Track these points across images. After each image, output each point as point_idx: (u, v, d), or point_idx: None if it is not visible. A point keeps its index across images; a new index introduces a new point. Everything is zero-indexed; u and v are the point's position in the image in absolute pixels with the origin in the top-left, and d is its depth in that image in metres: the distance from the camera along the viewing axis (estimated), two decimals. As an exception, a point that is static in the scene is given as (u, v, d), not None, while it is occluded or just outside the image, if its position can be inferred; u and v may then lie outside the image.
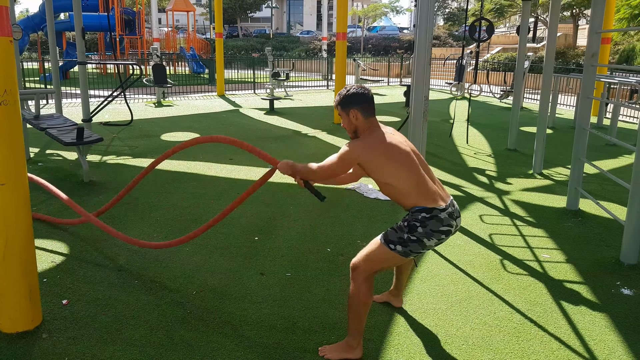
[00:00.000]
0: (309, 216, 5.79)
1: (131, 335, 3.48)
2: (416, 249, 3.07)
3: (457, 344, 3.44)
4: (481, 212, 6.06)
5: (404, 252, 3.07)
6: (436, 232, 3.04)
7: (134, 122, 11.01)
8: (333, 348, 3.30)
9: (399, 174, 3.04)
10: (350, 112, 3.19)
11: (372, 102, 3.23)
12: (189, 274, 4.37)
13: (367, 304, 3.14)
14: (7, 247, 3.34)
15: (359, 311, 3.14)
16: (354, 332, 3.21)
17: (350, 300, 3.17)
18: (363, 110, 3.17)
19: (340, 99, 3.24)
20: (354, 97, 3.19)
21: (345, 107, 3.21)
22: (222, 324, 3.63)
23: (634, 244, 4.65)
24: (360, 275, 3.13)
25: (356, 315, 3.16)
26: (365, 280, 3.12)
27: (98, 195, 6.38)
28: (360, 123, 3.19)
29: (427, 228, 3.03)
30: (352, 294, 3.15)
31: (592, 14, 5.61)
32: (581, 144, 5.87)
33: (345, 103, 3.21)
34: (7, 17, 3.18)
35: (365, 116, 3.18)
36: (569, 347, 3.43)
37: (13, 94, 3.21)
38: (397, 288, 3.87)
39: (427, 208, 3.05)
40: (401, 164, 3.05)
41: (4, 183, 3.25)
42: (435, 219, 3.03)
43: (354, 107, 3.17)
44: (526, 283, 4.32)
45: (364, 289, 3.12)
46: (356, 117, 3.18)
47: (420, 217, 3.04)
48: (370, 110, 3.20)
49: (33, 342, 3.38)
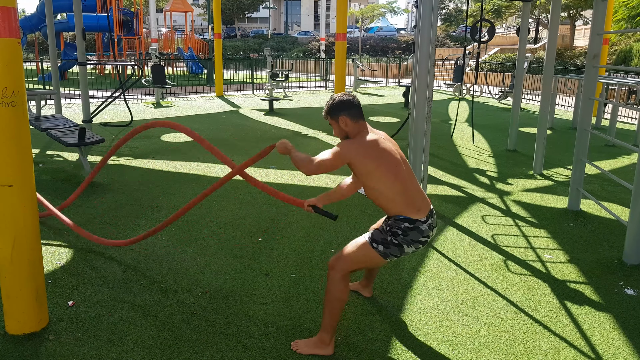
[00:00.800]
0: (311, 217, 5.79)
1: (138, 336, 3.48)
2: (395, 252, 3.19)
3: (464, 344, 3.46)
4: (483, 213, 6.08)
5: (384, 253, 3.19)
6: (415, 241, 3.17)
7: (134, 123, 11.02)
8: (305, 343, 3.38)
9: (386, 180, 3.12)
10: (339, 119, 3.28)
11: (359, 107, 3.32)
12: (193, 275, 4.38)
13: (343, 301, 3.25)
14: (15, 248, 3.34)
15: (335, 308, 3.24)
16: (328, 327, 3.29)
17: (326, 297, 3.27)
18: (351, 115, 3.27)
19: (328, 108, 3.35)
20: (341, 105, 3.29)
21: (334, 115, 3.31)
22: (229, 324, 3.64)
23: (637, 245, 4.68)
24: (337, 274, 3.23)
25: (331, 312, 3.25)
26: (342, 278, 3.23)
27: (100, 196, 6.38)
28: (350, 128, 3.27)
29: (408, 237, 3.15)
30: (328, 291, 3.25)
31: (593, 16, 5.62)
32: (582, 145, 5.89)
33: (333, 111, 3.31)
34: (16, 19, 3.19)
35: (354, 120, 3.27)
36: (574, 347, 3.45)
37: (20, 95, 3.22)
38: (368, 280, 4.04)
39: (410, 219, 3.15)
40: (389, 171, 3.12)
41: (12, 184, 3.25)
42: (416, 230, 3.16)
43: (342, 113, 3.27)
44: (530, 283, 4.34)
45: (340, 287, 3.22)
46: (345, 123, 3.27)
47: (403, 226, 3.15)
48: (358, 114, 3.29)
49: (40, 343, 3.38)
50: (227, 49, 39.17)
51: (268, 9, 54.40)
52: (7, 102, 3.15)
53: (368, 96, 19.44)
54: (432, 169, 8.00)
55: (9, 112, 3.16)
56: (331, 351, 3.32)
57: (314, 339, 3.37)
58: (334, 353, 3.33)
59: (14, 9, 3.17)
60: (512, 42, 33.06)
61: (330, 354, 3.31)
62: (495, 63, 25.26)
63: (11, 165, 3.24)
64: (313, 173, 3.24)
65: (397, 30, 56.34)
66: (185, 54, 28.71)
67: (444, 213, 6.02)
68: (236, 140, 10.14)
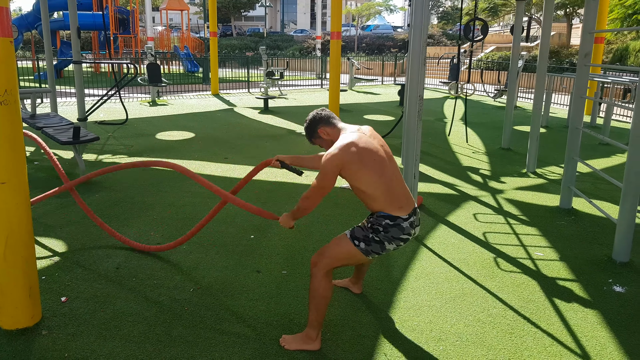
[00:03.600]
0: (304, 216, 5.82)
1: (130, 331, 3.52)
2: (377, 249, 3.22)
3: (452, 340, 3.50)
4: (475, 211, 6.12)
5: (365, 250, 3.22)
6: (396, 238, 3.20)
7: (129, 121, 11.04)
8: (293, 338, 3.43)
9: (370, 181, 3.14)
10: (320, 133, 3.41)
11: (329, 114, 3.45)
12: (186, 271, 4.42)
13: (327, 298, 3.29)
14: (8, 245, 3.37)
15: (319, 305, 3.28)
16: (314, 323, 3.34)
17: (311, 294, 3.30)
18: (325, 123, 3.40)
19: (306, 132, 3.53)
20: (313, 123, 3.45)
21: (314, 134, 3.46)
22: (220, 320, 3.67)
23: (626, 242, 4.72)
24: (320, 271, 3.26)
25: (317, 309, 3.29)
26: (325, 275, 3.26)
27: (95, 193, 6.41)
28: (332, 133, 3.38)
29: (389, 234, 3.18)
30: (312, 288, 3.29)
31: (585, 15, 5.67)
32: (574, 143, 5.94)
33: (311, 130, 3.46)
34: (8, 18, 3.21)
35: (332, 127, 3.39)
36: (561, 344, 3.49)
37: (13, 94, 3.25)
38: (357, 277, 4.07)
39: (391, 216, 3.17)
40: (373, 172, 3.13)
41: (4, 182, 3.29)
42: (397, 227, 3.18)
43: (318, 127, 3.41)
44: (520, 281, 4.38)
45: (324, 284, 3.26)
46: (326, 132, 3.40)
47: (384, 223, 3.18)
48: (331, 118, 3.42)
49: (33, 338, 3.41)
50: (223, 47, 39.17)
51: (264, 7, 54.36)
52: (0, 100, 3.18)
53: (364, 94, 19.47)
54: (426, 167, 8.04)
55: (1, 110, 3.19)
56: (318, 346, 3.36)
57: (301, 334, 3.41)
58: (320, 348, 3.37)
59: (7, 8, 3.20)
60: (508, 40, 33.08)
61: (317, 349, 3.36)
62: (491, 61, 25.29)
63: (4, 163, 3.27)
64: (317, 202, 3.25)
65: (394, 28, 56.37)
66: (182, 53, 28.71)
67: (436, 211, 6.06)
68: (231, 139, 10.16)
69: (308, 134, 3.50)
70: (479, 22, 10.21)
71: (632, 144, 4.55)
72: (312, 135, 3.46)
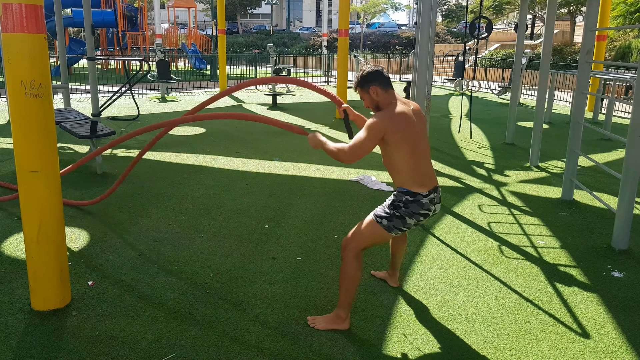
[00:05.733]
0: (315, 206, 6.04)
1: (155, 312, 3.73)
2: (398, 225, 3.37)
3: (458, 320, 3.71)
4: (480, 202, 6.32)
5: (388, 227, 3.37)
6: (416, 213, 3.35)
7: (140, 117, 11.25)
8: (323, 319, 3.61)
9: (403, 155, 3.30)
10: (370, 90, 3.42)
11: (387, 77, 3.46)
12: (204, 258, 4.64)
13: (356, 279, 3.46)
14: (41, 230, 3.59)
15: (350, 286, 3.45)
16: (344, 304, 3.52)
17: (341, 275, 3.48)
18: (381, 84, 3.41)
19: (358, 80, 3.48)
20: (371, 75, 3.43)
21: (364, 86, 3.45)
22: (240, 302, 3.89)
23: (625, 230, 4.93)
24: (350, 253, 3.43)
25: (347, 290, 3.47)
26: (355, 257, 3.43)
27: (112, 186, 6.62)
28: (381, 98, 3.41)
29: (409, 209, 3.34)
30: (343, 270, 3.46)
31: (587, 12, 5.86)
32: (576, 137, 6.13)
33: (364, 82, 3.44)
34: (42, 16, 3.42)
35: (384, 90, 3.41)
36: (562, 323, 3.70)
37: (47, 87, 3.46)
38: (393, 269, 4.20)
39: (411, 192, 3.35)
40: (408, 147, 3.28)
41: (38, 170, 3.50)
42: (417, 203, 3.34)
43: (373, 84, 3.41)
44: (523, 267, 4.59)
45: (355, 265, 3.43)
46: (376, 92, 3.41)
47: (404, 199, 3.35)
48: (388, 83, 3.43)
49: (64, 319, 3.63)
50: (230, 44, 39.33)
51: (270, 4, 54.53)
52: (34, 93, 3.39)
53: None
54: (432, 162, 8.18)
55: (36, 102, 3.40)
56: (347, 326, 3.55)
57: (331, 315, 3.59)
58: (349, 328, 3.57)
59: (41, 6, 3.39)
60: (512, 38, 33.15)
61: (347, 329, 3.54)
62: (496, 59, 25.44)
63: (38, 152, 3.48)
64: (354, 160, 3.30)
65: (399, 26, 56.50)
66: (189, 50, 28.92)
67: (442, 202, 6.25)
68: (242, 134, 10.37)
69: (360, 83, 3.46)
70: (484, 20, 10.38)
71: (631, 135, 4.77)
72: (363, 86, 3.44)
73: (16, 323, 3.55)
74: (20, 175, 3.51)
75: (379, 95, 3.41)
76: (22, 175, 3.51)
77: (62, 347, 3.30)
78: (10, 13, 3.23)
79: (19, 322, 3.56)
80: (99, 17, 22.70)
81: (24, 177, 3.50)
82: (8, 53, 3.31)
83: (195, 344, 3.36)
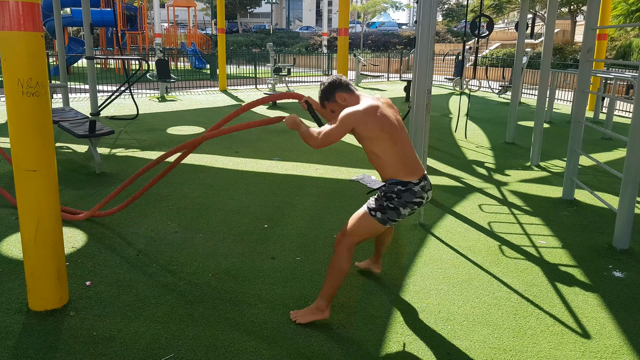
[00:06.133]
0: (315, 206, 6.02)
1: (153, 312, 3.71)
2: (393, 216, 3.38)
3: (459, 320, 3.69)
4: (480, 202, 6.30)
5: (382, 219, 3.39)
6: (410, 202, 3.36)
7: (139, 116, 11.23)
8: (303, 312, 3.64)
9: (385, 146, 3.31)
10: (337, 98, 3.48)
11: (349, 82, 3.53)
12: (203, 258, 4.61)
13: (345, 271, 3.48)
14: (39, 230, 3.57)
15: (337, 276, 3.48)
16: (326, 295, 3.54)
17: (331, 267, 3.50)
18: (344, 89, 3.48)
19: (321, 94, 3.55)
20: (331, 85, 3.50)
21: (330, 98, 3.51)
22: (238, 302, 3.87)
23: (626, 230, 4.90)
24: (344, 247, 3.46)
25: (334, 281, 3.49)
26: (348, 250, 3.46)
27: (110, 185, 6.60)
28: (350, 100, 3.45)
29: (402, 199, 3.34)
30: (334, 262, 3.49)
31: (587, 11, 5.84)
32: (577, 136, 6.11)
33: (328, 94, 3.51)
34: (39, 14, 3.39)
35: (350, 93, 3.47)
36: (563, 323, 3.67)
37: (44, 85, 3.43)
38: (377, 256, 4.25)
39: (402, 181, 3.34)
40: (389, 136, 3.30)
41: (35, 169, 3.48)
42: (409, 192, 3.34)
43: (337, 91, 3.47)
44: (523, 266, 4.57)
45: (346, 257, 3.46)
46: (343, 98, 3.47)
47: (396, 189, 3.34)
48: (352, 87, 3.51)
49: (62, 319, 3.61)
50: (230, 43, 39.32)
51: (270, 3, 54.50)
52: (31, 92, 3.36)
53: (370, 91, 19.62)
54: (432, 161, 8.22)
55: (33, 101, 3.38)
56: (327, 315, 3.59)
57: (311, 307, 3.62)
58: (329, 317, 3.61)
59: (37, 4, 3.37)
60: (512, 37, 33.13)
61: (326, 318, 3.58)
62: (496, 58, 25.42)
63: (35, 151, 3.46)
64: (321, 145, 3.38)
65: (399, 25, 56.53)
66: (188, 49, 28.90)
67: (442, 202, 6.24)
68: (241, 133, 10.32)
69: (324, 96, 3.53)
70: (484, 18, 10.35)
71: (632, 134, 4.74)
72: (328, 98, 3.51)
73: (13, 323, 3.53)
74: (18, 174, 3.49)
75: (346, 100, 3.46)
76: (19, 175, 3.48)
77: (59, 347, 3.28)
78: (7, 11, 3.21)
79: (16, 322, 3.54)
80: (98, 16, 22.68)
81: (21, 176, 3.48)
82: (5, 51, 3.29)
83: (194, 345, 3.34)
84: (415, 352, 3.32)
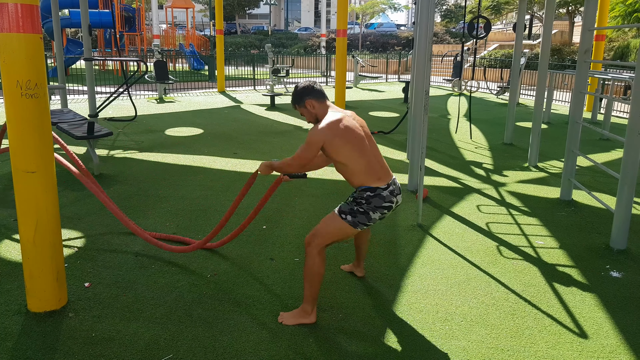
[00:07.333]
0: (313, 207, 6.03)
1: (152, 314, 3.72)
2: (363, 220, 3.48)
3: (457, 320, 3.70)
4: (478, 203, 6.31)
5: (353, 222, 3.49)
6: (379, 207, 3.48)
7: (138, 118, 11.23)
8: (290, 315, 3.67)
9: (352, 156, 3.45)
10: (306, 104, 3.63)
11: (320, 89, 3.67)
12: (202, 259, 4.62)
13: (321, 274, 3.54)
14: (38, 231, 3.57)
15: (314, 281, 3.54)
16: (309, 299, 3.59)
17: (305, 271, 3.56)
18: (315, 97, 3.62)
19: (294, 97, 3.70)
20: (304, 90, 3.65)
21: (300, 102, 3.67)
22: (237, 303, 3.88)
23: (623, 230, 4.92)
24: (314, 249, 3.52)
25: (311, 285, 3.55)
26: (318, 253, 3.53)
27: (109, 187, 6.61)
28: (318, 109, 3.62)
29: (372, 204, 3.46)
30: (307, 266, 3.55)
31: (585, 12, 5.86)
32: (574, 137, 6.13)
33: (299, 98, 3.66)
34: (38, 16, 3.40)
35: (319, 102, 3.62)
36: (560, 324, 3.69)
37: (42, 87, 3.44)
38: (358, 260, 4.31)
39: (371, 187, 3.48)
40: (354, 147, 3.46)
41: (34, 171, 3.48)
42: (378, 197, 3.46)
43: (307, 98, 3.63)
44: (521, 267, 4.58)
45: (318, 261, 3.52)
46: (312, 105, 3.63)
47: (366, 195, 3.47)
48: (322, 95, 3.66)
49: (60, 320, 3.61)
50: (228, 45, 39.35)
51: (269, 5, 54.56)
52: (30, 93, 3.37)
53: (368, 92, 19.64)
54: (431, 162, 8.24)
55: (32, 103, 3.39)
56: (314, 319, 3.62)
57: (297, 310, 3.66)
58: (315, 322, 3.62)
59: (36, 6, 3.37)
60: (511, 38, 33.18)
61: (313, 322, 3.61)
62: (494, 59, 25.44)
63: (34, 153, 3.46)
64: (301, 167, 3.61)
65: (397, 26, 56.50)
66: (187, 50, 28.90)
67: (440, 203, 6.26)
68: (240, 135, 10.36)
69: (295, 100, 3.69)
70: (482, 20, 10.38)
71: (629, 134, 4.77)
72: (299, 102, 3.66)
73: (12, 324, 3.54)
74: (16, 175, 3.49)
75: (315, 108, 3.62)
76: (18, 176, 3.49)
77: (58, 348, 3.29)
78: (6, 13, 3.22)
79: (15, 323, 3.55)
80: (96, 17, 22.69)
81: (20, 177, 3.49)
82: (4, 53, 3.30)
83: (192, 345, 3.35)
84: (413, 352, 3.33)
